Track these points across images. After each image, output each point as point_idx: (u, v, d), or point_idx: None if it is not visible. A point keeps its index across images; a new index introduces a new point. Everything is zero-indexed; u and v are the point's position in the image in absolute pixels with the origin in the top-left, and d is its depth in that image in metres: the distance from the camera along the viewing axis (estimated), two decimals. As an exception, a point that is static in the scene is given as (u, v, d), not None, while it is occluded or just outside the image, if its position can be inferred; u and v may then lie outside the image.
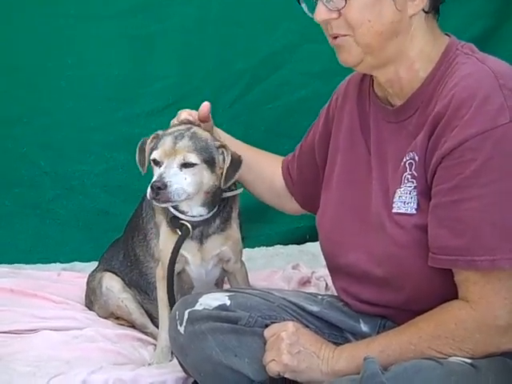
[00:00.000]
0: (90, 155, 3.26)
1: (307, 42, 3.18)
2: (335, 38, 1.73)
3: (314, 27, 1.77)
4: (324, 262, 1.99)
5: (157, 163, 2.09)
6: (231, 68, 3.25)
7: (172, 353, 2.22)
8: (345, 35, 1.71)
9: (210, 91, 3.24)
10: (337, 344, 1.84)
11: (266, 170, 2.26)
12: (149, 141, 2.17)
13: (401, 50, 1.72)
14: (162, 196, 2.02)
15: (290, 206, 2.26)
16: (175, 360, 2.08)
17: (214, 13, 3.21)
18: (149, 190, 2.03)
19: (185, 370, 2.00)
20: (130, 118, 3.22)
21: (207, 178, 2.12)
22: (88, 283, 2.60)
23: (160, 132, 2.16)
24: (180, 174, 2.06)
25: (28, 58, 3.17)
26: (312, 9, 1.74)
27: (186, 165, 2.07)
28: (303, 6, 1.77)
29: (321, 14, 1.71)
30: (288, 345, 1.74)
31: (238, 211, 2.31)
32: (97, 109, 3.22)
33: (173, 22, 3.19)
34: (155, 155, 2.09)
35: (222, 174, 2.13)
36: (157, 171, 2.08)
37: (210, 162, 2.11)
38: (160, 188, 2.01)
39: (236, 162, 2.13)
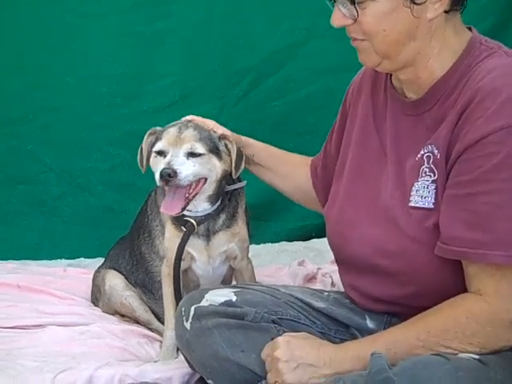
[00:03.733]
0: (95, 152, 3.26)
1: (313, 38, 3.18)
2: (354, 39, 1.75)
3: (320, 23, 1.77)
4: (329, 258, 1.99)
5: (161, 153, 2.09)
6: (237, 65, 3.25)
7: (177, 350, 2.23)
8: (362, 40, 1.72)
9: (216, 88, 3.24)
10: (343, 340, 1.83)
11: (294, 171, 2.25)
12: (145, 137, 2.17)
13: (419, 52, 1.72)
14: (172, 184, 2.03)
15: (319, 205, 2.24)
16: (181, 356, 2.08)
17: (220, 10, 3.21)
18: (157, 177, 2.03)
19: (191, 366, 2.00)
20: (135, 114, 3.22)
21: (218, 166, 2.13)
22: (93, 280, 2.60)
23: (157, 128, 2.17)
24: (187, 163, 2.07)
25: (33, 56, 3.18)
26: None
27: (192, 154, 2.08)
28: (328, 3, 1.76)
29: (336, 19, 1.72)
30: (284, 363, 1.71)
31: (245, 208, 2.31)
32: (102, 106, 3.23)
33: (178, 19, 3.20)
34: (159, 146, 2.09)
35: (230, 162, 2.14)
36: (161, 161, 2.07)
37: (215, 151, 2.12)
38: (170, 175, 2.01)
39: (239, 152, 2.15)
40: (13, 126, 3.22)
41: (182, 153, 2.07)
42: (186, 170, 2.04)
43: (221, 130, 2.17)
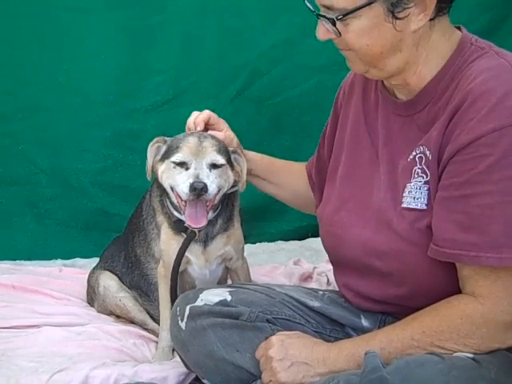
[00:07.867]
0: (87, 153, 3.20)
1: (308, 35, 3.10)
2: (342, 49, 1.75)
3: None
4: (325, 257, 1.99)
5: (182, 164, 2.06)
6: (232, 62, 3.21)
7: (173, 352, 2.23)
8: (348, 50, 1.72)
9: (211, 86, 3.21)
10: (338, 339, 1.83)
11: (292, 180, 2.24)
12: (151, 144, 2.15)
13: (406, 61, 1.72)
14: (203, 198, 2.02)
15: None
16: (177, 357, 2.08)
17: (214, 5, 3.17)
18: (185, 190, 2.01)
19: (186, 366, 2.00)
20: (128, 113, 3.17)
21: (231, 178, 2.13)
22: (88, 281, 2.59)
23: (166, 138, 2.14)
24: (211, 175, 2.06)
25: (23, 53, 3.11)
26: None
27: (214, 165, 2.06)
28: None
29: (320, 33, 1.73)
30: (278, 361, 1.72)
31: (239, 208, 2.30)
32: (94, 104, 3.17)
33: (172, 14, 3.14)
34: (180, 157, 2.06)
35: (238, 175, 2.14)
36: (182, 172, 2.05)
37: (230, 163, 2.12)
38: (202, 189, 2.00)
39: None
40: (3, 125, 3.15)
41: (206, 164, 2.05)
42: (213, 183, 2.04)
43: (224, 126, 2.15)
